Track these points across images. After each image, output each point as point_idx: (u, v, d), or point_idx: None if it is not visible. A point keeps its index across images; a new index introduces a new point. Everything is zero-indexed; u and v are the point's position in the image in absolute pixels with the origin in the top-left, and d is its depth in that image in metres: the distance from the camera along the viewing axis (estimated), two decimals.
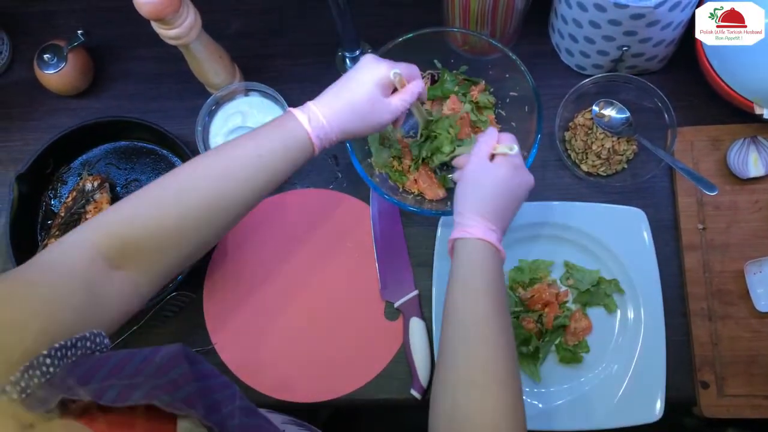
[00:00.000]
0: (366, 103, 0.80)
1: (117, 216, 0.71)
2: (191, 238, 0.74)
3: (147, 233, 0.70)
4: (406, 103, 0.84)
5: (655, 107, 1.00)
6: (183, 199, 0.72)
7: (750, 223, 0.99)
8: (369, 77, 0.81)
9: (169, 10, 0.84)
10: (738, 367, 0.94)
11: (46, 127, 1.14)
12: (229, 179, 0.75)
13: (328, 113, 0.79)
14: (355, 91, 0.80)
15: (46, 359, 0.51)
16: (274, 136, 0.78)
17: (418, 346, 0.97)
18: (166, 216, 0.71)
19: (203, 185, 0.74)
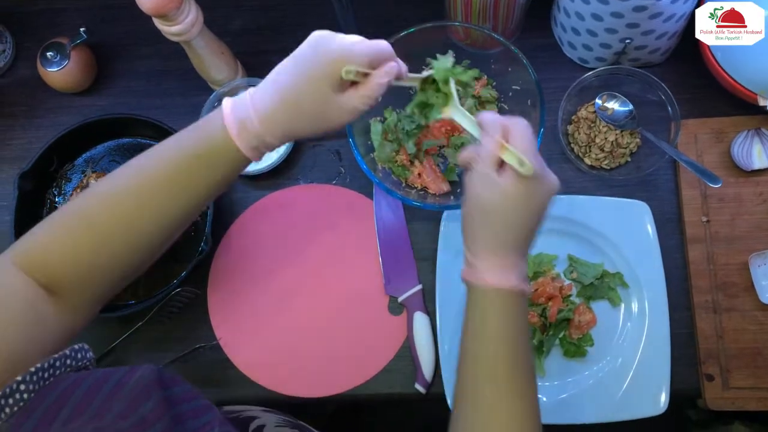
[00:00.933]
0: (313, 103, 0.63)
1: (34, 240, 0.65)
2: (113, 266, 0.66)
3: (64, 261, 0.63)
4: (369, 101, 0.64)
5: (658, 100, 1.00)
6: (95, 229, 0.64)
7: (754, 215, 0.98)
8: (317, 73, 0.61)
9: (170, 6, 0.85)
10: (743, 360, 0.94)
11: (49, 124, 1.14)
12: (142, 207, 0.64)
13: (265, 114, 0.63)
14: (300, 88, 0.62)
15: (20, 385, 0.49)
16: (193, 152, 0.64)
17: (422, 341, 0.97)
18: (79, 245, 0.64)
19: (114, 216, 0.64)
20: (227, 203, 1.07)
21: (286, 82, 0.63)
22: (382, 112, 1.04)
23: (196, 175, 0.65)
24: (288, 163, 1.07)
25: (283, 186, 1.08)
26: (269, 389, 1.00)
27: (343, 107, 0.63)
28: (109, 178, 0.67)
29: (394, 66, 0.64)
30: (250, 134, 0.63)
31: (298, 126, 0.64)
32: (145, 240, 0.66)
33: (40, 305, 0.61)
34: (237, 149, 0.64)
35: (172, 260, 1.04)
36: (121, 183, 0.66)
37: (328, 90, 0.62)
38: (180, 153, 0.65)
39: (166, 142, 0.67)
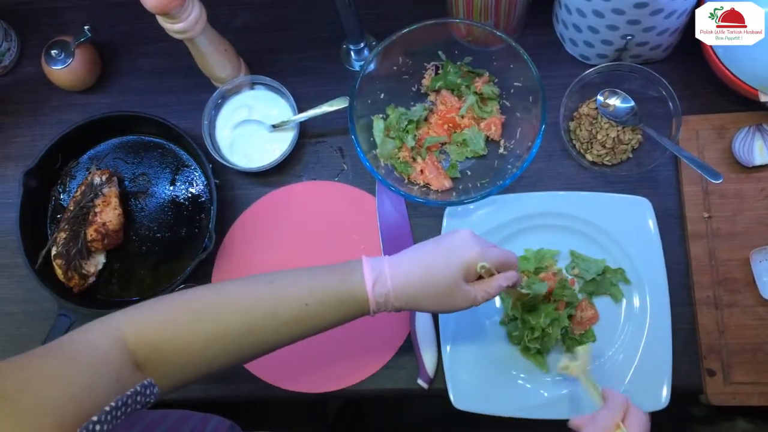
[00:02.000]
0: (444, 287, 0.74)
1: (151, 317, 0.70)
2: (216, 361, 0.72)
3: (174, 346, 0.69)
4: (488, 296, 0.75)
5: (659, 96, 1.00)
6: (218, 325, 0.71)
7: (756, 211, 0.98)
8: (456, 260, 0.73)
9: (174, 4, 0.85)
10: (744, 355, 0.94)
11: (54, 122, 1.15)
12: (270, 318, 0.72)
13: (398, 282, 0.73)
14: (436, 271, 0.74)
15: (96, 426, 0.51)
16: (331, 289, 0.73)
17: (425, 337, 0.98)
18: (197, 335, 0.70)
19: (242, 318, 0.71)
20: (230, 200, 1.08)
21: (428, 260, 0.75)
22: (385, 109, 1.04)
23: (331, 312, 0.74)
24: (291, 160, 1.07)
25: (286, 183, 1.08)
26: (273, 385, 1.00)
27: (466, 295, 0.75)
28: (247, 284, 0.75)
29: (514, 275, 0.77)
30: (381, 295, 0.73)
31: (423, 299, 0.75)
32: (260, 345, 0.74)
33: (125, 380, 0.64)
34: (366, 300, 0.74)
35: (177, 257, 1.05)
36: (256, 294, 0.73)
37: (459, 277, 0.74)
38: (323, 290, 0.73)
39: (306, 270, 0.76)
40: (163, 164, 1.10)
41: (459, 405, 0.94)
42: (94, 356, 0.63)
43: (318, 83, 1.11)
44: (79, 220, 1.03)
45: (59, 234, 1.03)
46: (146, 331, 0.68)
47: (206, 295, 0.73)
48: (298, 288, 0.73)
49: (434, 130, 1.04)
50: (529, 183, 1.03)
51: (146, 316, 0.70)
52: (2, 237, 1.10)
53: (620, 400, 0.73)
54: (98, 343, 0.65)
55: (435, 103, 1.06)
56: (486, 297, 0.75)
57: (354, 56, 1.11)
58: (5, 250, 1.09)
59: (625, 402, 0.73)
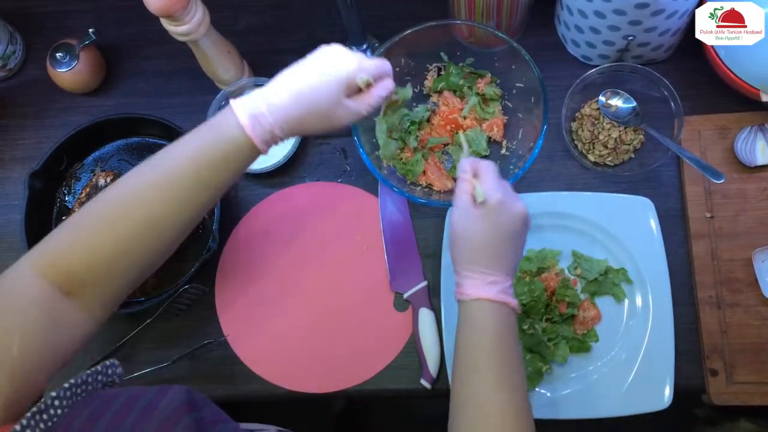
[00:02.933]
0: (325, 104, 0.72)
1: (57, 244, 0.67)
2: (133, 262, 0.69)
3: (87, 263, 0.66)
4: (370, 108, 0.75)
5: (661, 96, 1.01)
6: (117, 228, 0.67)
7: (758, 211, 0.99)
8: (333, 75, 0.71)
9: (177, 6, 0.86)
10: (747, 355, 0.94)
11: (59, 124, 1.16)
12: (164, 199, 0.68)
13: (279, 115, 0.70)
14: (315, 89, 0.71)
15: (55, 401, 0.50)
16: (211, 144, 0.69)
17: (428, 337, 0.98)
18: (101, 244, 0.66)
19: (135, 208, 0.67)
20: (234, 201, 1.09)
21: (302, 83, 0.71)
22: None
23: (214, 168, 0.69)
24: (294, 161, 1.08)
25: (289, 184, 1.09)
26: (276, 385, 1.01)
27: (349, 110, 0.74)
28: (127, 179, 0.70)
29: (391, 84, 0.77)
30: (263, 129, 0.70)
31: (308, 123, 0.72)
32: (165, 236, 0.70)
33: (58, 311, 0.63)
34: (251, 143, 0.70)
35: (180, 258, 1.06)
36: (141, 182, 0.69)
37: (340, 93, 0.72)
38: (198, 149, 0.69)
39: (181, 141, 0.70)
40: None
41: None
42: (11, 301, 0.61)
43: None
44: None
45: None
46: (55, 260, 0.65)
47: (96, 205, 0.68)
48: (179, 164, 0.69)
49: (436, 131, 1.05)
50: (531, 183, 1.03)
51: (49, 246, 0.67)
52: (7, 239, 1.11)
53: (466, 164, 0.78)
54: (12, 286, 0.63)
55: (437, 104, 1.07)
56: (368, 108, 0.75)
57: None
58: (11, 251, 1.10)
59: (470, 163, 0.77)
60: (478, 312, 0.73)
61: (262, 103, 0.70)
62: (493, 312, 0.73)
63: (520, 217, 0.76)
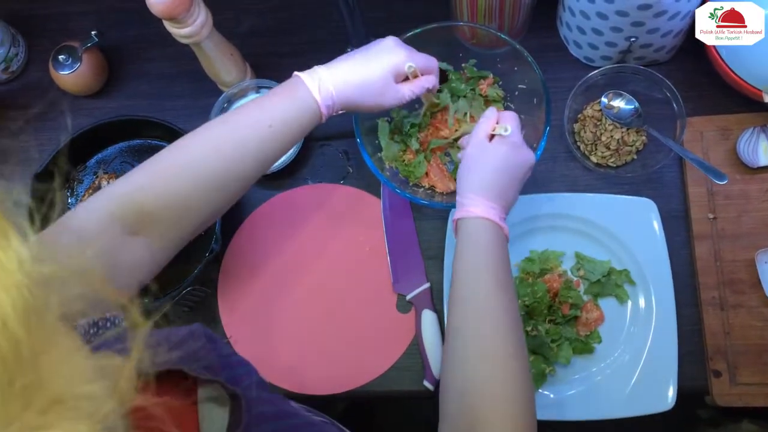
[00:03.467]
0: (377, 84, 0.82)
1: (131, 185, 0.73)
2: (203, 207, 0.76)
3: (161, 202, 0.72)
4: (413, 95, 0.86)
5: (664, 98, 1.01)
6: (195, 171, 0.74)
7: (761, 212, 0.99)
8: (386, 61, 0.82)
9: (180, 9, 0.86)
10: (750, 356, 0.94)
11: (61, 127, 1.15)
12: (240, 150, 0.77)
13: (338, 84, 0.80)
14: (370, 70, 0.82)
15: None
16: (284, 105, 0.79)
17: (431, 338, 0.98)
18: (179, 187, 0.73)
19: (214, 157, 0.75)
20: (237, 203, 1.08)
21: (362, 65, 0.83)
22: (389, 112, 1.05)
23: (290, 126, 0.79)
24: (296, 163, 1.08)
25: (291, 186, 1.09)
26: (279, 387, 1.01)
27: (395, 93, 0.85)
28: (201, 132, 0.77)
29: (434, 79, 0.89)
30: (328, 97, 0.80)
31: (360, 99, 0.83)
32: (233, 187, 0.79)
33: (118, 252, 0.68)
34: (318, 110, 0.80)
35: (183, 260, 1.05)
36: (216, 134, 0.77)
37: (390, 77, 0.83)
38: (277, 109, 0.79)
39: (252, 103, 0.80)
40: None
41: None
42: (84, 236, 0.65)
43: None
44: None
45: None
46: (129, 199, 0.71)
47: (172, 153, 0.76)
48: (254, 118, 0.78)
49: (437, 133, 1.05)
50: (534, 185, 1.03)
51: (126, 187, 0.72)
52: None
53: (490, 111, 0.87)
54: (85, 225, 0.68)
55: None
56: (411, 95, 0.86)
57: None
58: None
59: (494, 111, 0.87)
60: (481, 229, 0.79)
61: (328, 78, 0.80)
62: (495, 231, 0.79)
63: (529, 163, 0.85)
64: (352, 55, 0.84)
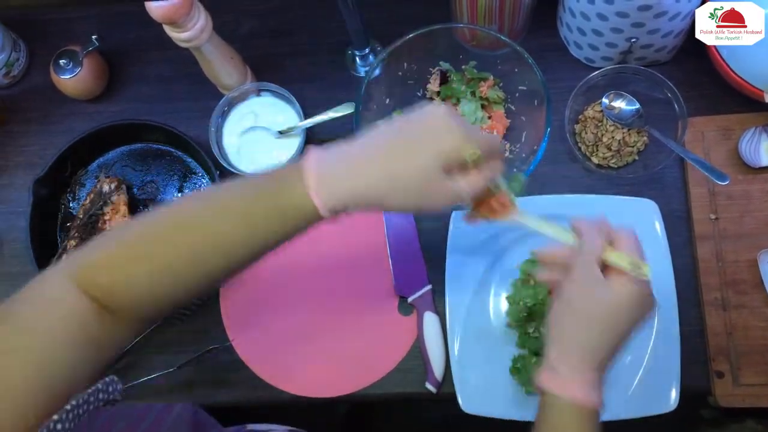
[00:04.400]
0: (418, 181, 0.58)
1: (97, 261, 0.62)
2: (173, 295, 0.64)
3: (127, 287, 0.62)
4: (475, 189, 0.61)
5: (665, 98, 1.00)
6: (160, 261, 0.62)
7: (763, 212, 0.98)
8: (434, 147, 0.58)
9: (180, 13, 0.86)
10: (753, 357, 0.94)
11: (63, 131, 1.16)
12: (209, 244, 0.62)
13: (356, 183, 0.59)
14: (407, 161, 0.58)
15: (57, 424, 0.48)
16: (270, 203, 0.61)
17: (433, 341, 0.98)
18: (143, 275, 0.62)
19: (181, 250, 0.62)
20: None
21: (395, 149, 0.59)
22: (391, 115, 1.05)
23: (267, 221, 0.62)
24: None
25: None
26: (281, 390, 1.01)
27: (447, 190, 0.60)
28: (179, 205, 0.66)
29: (500, 164, 0.64)
30: (332, 196, 0.59)
31: (391, 198, 0.60)
32: (208, 273, 0.64)
33: (94, 325, 0.59)
34: (314, 208, 0.60)
35: None
36: (191, 213, 0.64)
37: (438, 167, 0.58)
38: (256, 195, 0.62)
39: (241, 181, 0.65)
40: (171, 172, 1.11)
41: (467, 408, 0.95)
42: (55, 315, 0.57)
43: (324, 89, 1.12)
44: (89, 227, 1.04)
45: (69, 242, 1.04)
46: (96, 277, 0.61)
47: (138, 226, 0.64)
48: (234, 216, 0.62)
49: None
50: (535, 186, 1.03)
51: (88, 261, 0.62)
52: (13, 245, 1.11)
53: (592, 224, 0.64)
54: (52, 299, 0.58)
55: None
56: (474, 190, 0.61)
57: (359, 62, 1.12)
58: (16, 258, 1.10)
59: (599, 225, 0.64)
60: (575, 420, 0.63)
61: (338, 164, 0.60)
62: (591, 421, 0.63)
63: (651, 310, 0.64)
64: (384, 133, 0.61)
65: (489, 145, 0.61)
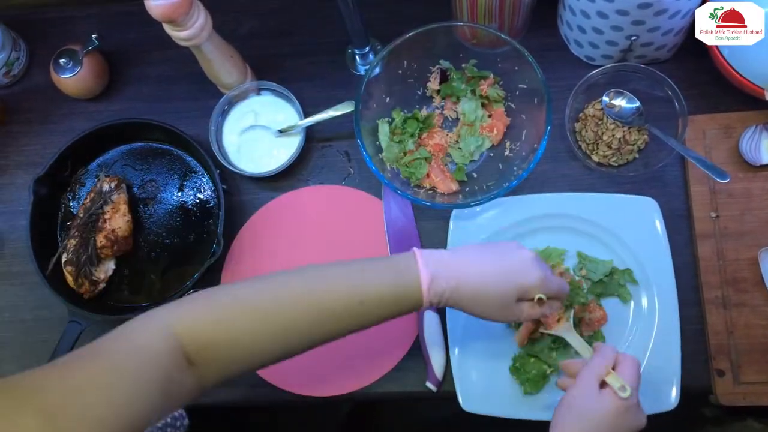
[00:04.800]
0: (499, 301, 0.76)
1: (204, 313, 0.69)
2: (267, 355, 0.72)
3: (229, 342, 0.68)
4: (531, 318, 0.80)
5: (665, 96, 1.00)
6: (273, 319, 0.70)
7: (764, 210, 0.98)
8: (517, 281, 0.76)
9: (179, 12, 0.86)
10: (754, 355, 0.94)
11: (63, 130, 1.16)
12: (326, 315, 0.72)
13: (454, 285, 0.74)
14: (496, 285, 0.75)
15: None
16: (386, 288, 0.73)
17: (433, 339, 0.98)
18: (252, 330, 0.69)
19: (297, 313, 0.71)
20: (238, 205, 1.09)
21: (490, 272, 0.76)
22: (390, 113, 1.05)
23: (385, 310, 0.74)
24: (298, 164, 1.08)
25: (293, 187, 1.09)
26: (282, 389, 1.01)
27: (514, 312, 0.78)
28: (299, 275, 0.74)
29: (559, 305, 0.82)
30: (437, 295, 0.74)
31: (473, 306, 0.77)
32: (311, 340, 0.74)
33: (174, 378, 0.63)
34: (421, 300, 0.74)
35: (186, 262, 1.06)
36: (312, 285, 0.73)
37: (515, 297, 0.76)
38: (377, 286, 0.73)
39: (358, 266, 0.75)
40: (171, 170, 1.11)
41: (468, 407, 0.95)
42: (143, 359, 0.61)
43: (324, 88, 1.12)
44: (89, 227, 1.04)
45: (69, 241, 1.04)
46: (200, 328, 0.67)
47: (257, 288, 0.72)
48: (351, 285, 0.73)
49: (436, 138, 1.05)
50: (535, 185, 1.03)
51: (198, 313, 0.69)
52: (13, 244, 1.11)
53: (610, 349, 0.78)
54: (146, 344, 0.63)
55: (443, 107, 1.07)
56: (530, 318, 0.80)
57: (359, 60, 1.12)
58: (17, 257, 1.11)
59: (614, 350, 0.78)
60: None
61: (445, 268, 0.74)
62: None
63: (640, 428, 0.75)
64: (483, 256, 0.77)
65: (557, 292, 0.79)
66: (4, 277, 1.11)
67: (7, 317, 1.09)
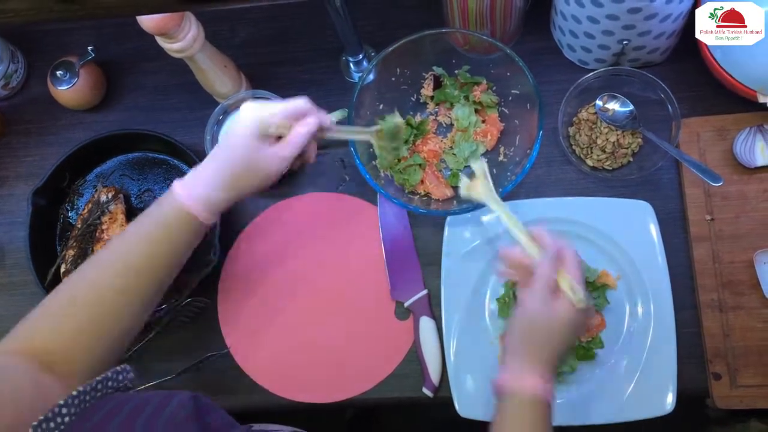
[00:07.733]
0: (244, 159, 0.77)
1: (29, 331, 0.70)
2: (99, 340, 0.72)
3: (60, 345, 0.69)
4: (295, 147, 0.79)
5: (659, 99, 1.00)
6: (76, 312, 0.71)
7: (759, 212, 0.98)
8: (243, 130, 0.77)
9: (171, 24, 0.87)
10: (750, 358, 0.94)
11: (61, 141, 1.17)
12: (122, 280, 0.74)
13: (208, 180, 0.77)
14: (232, 149, 0.77)
15: (62, 409, 0.51)
16: (157, 222, 0.77)
17: (429, 345, 0.98)
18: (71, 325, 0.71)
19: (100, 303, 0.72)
20: (234, 213, 1.09)
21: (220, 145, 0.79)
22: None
23: (165, 245, 0.76)
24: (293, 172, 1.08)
25: (288, 195, 1.09)
26: (279, 396, 1.01)
27: (271, 157, 0.78)
28: (89, 263, 0.76)
29: (314, 121, 0.80)
30: (198, 197, 0.76)
31: (241, 183, 0.78)
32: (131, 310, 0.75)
33: (41, 377, 0.63)
34: (194, 217, 0.76)
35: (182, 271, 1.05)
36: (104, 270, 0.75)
37: (255, 144, 0.76)
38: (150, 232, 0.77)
39: (136, 225, 0.78)
40: (168, 180, 1.11)
41: (464, 413, 0.95)
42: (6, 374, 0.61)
43: (318, 95, 1.10)
44: (87, 237, 1.05)
45: (68, 251, 1.05)
46: (33, 343, 0.68)
47: (68, 288, 0.74)
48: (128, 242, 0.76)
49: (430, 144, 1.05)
50: (530, 190, 1.03)
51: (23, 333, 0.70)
52: (12, 255, 1.12)
53: (553, 245, 0.78)
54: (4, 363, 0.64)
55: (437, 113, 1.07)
56: (293, 149, 0.78)
57: (353, 68, 1.12)
58: (16, 267, 1.12)
59: (556, 244, 0.78)
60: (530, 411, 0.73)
61: (192, 174, 0.78)
62: (544, 412, 0.73)
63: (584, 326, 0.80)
64: (216, 148, 0.80)
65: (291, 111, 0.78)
66: (4, 287, 1.12)
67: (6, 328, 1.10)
